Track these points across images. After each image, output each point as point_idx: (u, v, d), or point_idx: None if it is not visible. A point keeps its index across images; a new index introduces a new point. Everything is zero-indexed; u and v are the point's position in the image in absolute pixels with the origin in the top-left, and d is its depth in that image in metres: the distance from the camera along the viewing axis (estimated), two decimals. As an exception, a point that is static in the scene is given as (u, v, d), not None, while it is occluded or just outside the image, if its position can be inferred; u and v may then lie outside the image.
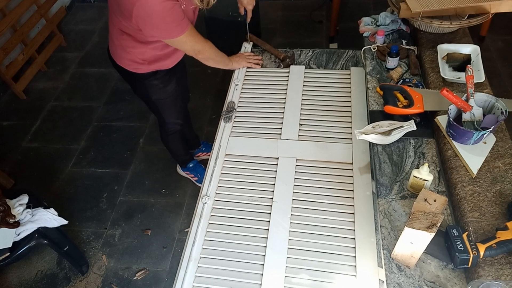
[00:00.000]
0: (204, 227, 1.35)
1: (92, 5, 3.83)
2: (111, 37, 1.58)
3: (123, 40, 1.50)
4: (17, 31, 2.88)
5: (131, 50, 1.52)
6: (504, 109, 1.25)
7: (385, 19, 1.83)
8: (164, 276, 1.95)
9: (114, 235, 2.13)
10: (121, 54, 1.58)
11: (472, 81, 1.29)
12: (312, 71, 1.84)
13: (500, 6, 1.55)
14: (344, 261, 1.22)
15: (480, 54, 1.53)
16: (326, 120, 1.64)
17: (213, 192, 1.44)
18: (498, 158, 1.26)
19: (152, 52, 1.53)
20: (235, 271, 1.24)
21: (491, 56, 2.80)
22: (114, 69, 1.69)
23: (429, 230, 0.97)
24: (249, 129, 1.64)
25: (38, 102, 2.92)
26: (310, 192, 1.41)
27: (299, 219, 1.34)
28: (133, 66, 1.59)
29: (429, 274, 1.08)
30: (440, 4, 1.56)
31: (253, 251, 1.28)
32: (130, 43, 1.50)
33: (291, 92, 1.75)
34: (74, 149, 2.57)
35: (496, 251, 1.02)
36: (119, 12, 1.38)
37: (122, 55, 1.57)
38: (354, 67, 1.82)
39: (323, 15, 3.37)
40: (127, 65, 1.60)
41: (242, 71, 1.87)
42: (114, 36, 1.54)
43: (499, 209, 1.14)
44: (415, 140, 1.40)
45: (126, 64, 1.59)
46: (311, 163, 1.49)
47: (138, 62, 1.57)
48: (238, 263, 1.26)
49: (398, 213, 1.21)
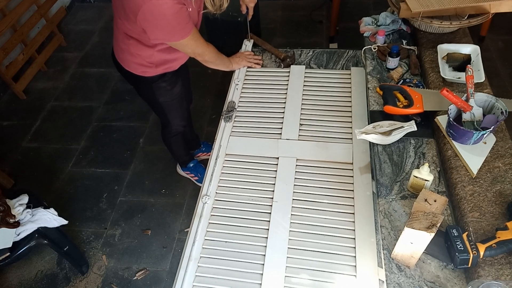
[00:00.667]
0: (204, 226, 1.35)
1: (92, 5, 3.83)
2: (116, 42, 1.57)
3: (130, 45, 1.50)
4: (17, 31, 2.88)
5: (138, 53, 1.52)
6: (504, 109, 1.25)
7: (385, 19, 1.83)
8: (164, 276, 1.95)
9: (114, 235, 2.13)
10: (128, 58, 1.57)
11: (472, 81, 1.29)
12: (312, 71, 1.84)
13: (500, 6, 1.55)
14: (344, 261, 1.22)
15: (480, 54, 1.53)
16: (327, 120, 1.64)
17: (213, 192, 1.44)
18: (498, 158, 1.26)
19: (159, 55, 1.53)
20: (235, 270, 1.24)
21: (491, 56, 2.80)
22: (116, 69, 1.69)
23: (429, 230, 0.97)
24: (250, 129, 1.64)
25: (38, 102, 2.92)
26: (310, 192, 1.41)
27: (299, 219, 1.34)
28: (141, 69, 1.58)
29: (429, 274, 1.08)
30: (440, 4, 1.56)
31: (253, 251, 1.28)
32: (137, 47, 1.49)
33: (291, 92, 1.75)
34: (74, 149, 2.57)
35: (496, 251, 1.02)
36: (124, 15, 1.38)
37: (129, 59, 1.57)
38: (355, 67, 1.82)
39: (323, 15, 3.37)
40: (135, 69, 1.59)
41: (243, 71, 1.87)
42: (120, 41, 1.53)
43: (499, 209, 1.14)
44: (415, 140, 1.40)
45: (134, 68, 1.59)
46: (312, 163, 1.49)
47: (145, 65, 1.56)
48: (238, 262, 1.26)
49: (398, 213, 1.21)
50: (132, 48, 1.51)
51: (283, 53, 1.90)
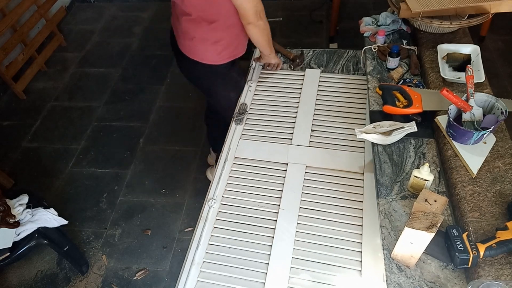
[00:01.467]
0: (209, 231, 1.33)
1: (92, 5, 3.83)
2: (184, 39, 1.59)
3: (202, 32, 1.52)
4: (17, 31, 2.88)
5: (211, 37, 1.53)
6: (504, 109, 1.25)
7: (385, 19, 1.83)
8: (164, 276, 1.95)
9: (114, 235, 2.13)
10: (203, 48, 1.58)
11: (472, 81, 1.29)
12: (328, 75, 1.81)
13: (500, 6, 1.55)
14: (350, 274, 1.19)
15: (480, 54, 1.53)
16: (339, 127, 1.60)
17: (220, 196, 1.42)
18: (498, 158, 1.26)
19: (228, 38, 1.56)
20: (237, 278, 1.22)
21: (491, 56, 2.80)
22: (179, 69, 1.73)
23: (429, 230, 0.96)
24: (260, 133, 1.62)
25: (38, 102, 2.92)
26: (318, 201, 1.37)
27: (305, 229, 1.30)
28: (215, 57, 1.60)
29: (429, 275, 1.07)
30: (440, 4, 1.56)
31: (256, 259, 1.26)
32: (209, 32, 1.51)
33: (305, 96, 1.72)
34: (74, 149, 2.57)
35: (496, 251, 1.02)
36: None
37: (205, 48, 1.57)
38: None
39: (323, 15, 3.37)
40: (211, 57, 1.60)
41: (257, 72, 1.85)
42: (190, 34, 1.55)
43: (499, 209, 1.14)
44: (416, 140, 1.40)
45: (210, 57, 1.60)
46: (321, 171, 1.46)
47: (219, 50, 1.58)
48: (241, 270, 1.24)
49: (399, 213, 1.21)
50: (206, 35, 1.53)
51: (292, 53, 1.88)
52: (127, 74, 3.05)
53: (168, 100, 2.84)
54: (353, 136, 1.54)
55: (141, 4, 3.76)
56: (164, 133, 2.61)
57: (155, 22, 3.55)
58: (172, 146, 2.53)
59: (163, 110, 2.77)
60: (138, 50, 3.25)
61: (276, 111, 1.70)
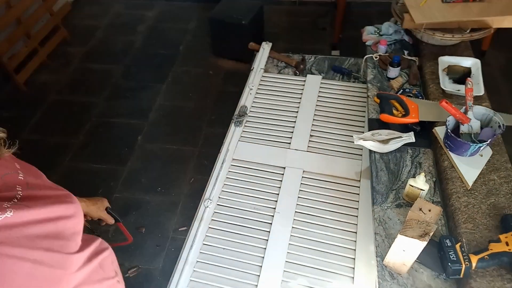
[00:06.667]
0: (204, 231, 1.34)
1: (98, 1, 3.84)
2: None
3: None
4: (22, 24, 2.89)
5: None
6: (502, 123, 1.26)
7: (388, 29, 1.85)
8: (157, 274, 1.94)
9: (107, 231, 2.13)
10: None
11: (471, 93, 1.30)
12: (329, 82, 1.82)
13: (503, 21, 1.56)
14: (342, 280, 1.20)
15: (480, 67, 1.54)
16: (338, 133, 1.61)
17: (216, 196, 1.43)
18: (493, 171, 1.27)
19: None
20: (230, 279, 1.23)
21: (492, 72, 2.82)
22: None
23: (422, 238, 0.97)
24: (259, 135, 1.62)
25: (39, 94, 2.92)
26: (314, 206, 1.38)
27: (300, 233, 1.31)
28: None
29: (421, 283, 1.08)
30: (444, 17, 1.57)
31: (250, 261, 1.26)
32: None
33: (305, 101, 1.73)
34: (72, 144, 2.57)
35: (488, 263, 1.03)
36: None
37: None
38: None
39: (327, 22, 3.39)
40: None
41: (258, 75, 1.85)
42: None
43: (493, 222, 1.14)
44: (413, 149, 1.40)
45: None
46: (318, 176, 1.47)
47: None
48: (234, 271, 1.24)
49: (393, 221, 1.21)
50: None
51: (294, 60, 1.88)
52: (129, 71, 3.06)
53: (169, 99, 2.84)
54: (351, 143, 1.55)
55: (147, 2, 3.78)
56: (163, 132, 2.62)
57: (160, 22, 3.56)
58: (170, 145, 2.53)
59: (163, 109, 2.77)
60: (141, 48, 3.26)
61: (276, 115, 1.70)
